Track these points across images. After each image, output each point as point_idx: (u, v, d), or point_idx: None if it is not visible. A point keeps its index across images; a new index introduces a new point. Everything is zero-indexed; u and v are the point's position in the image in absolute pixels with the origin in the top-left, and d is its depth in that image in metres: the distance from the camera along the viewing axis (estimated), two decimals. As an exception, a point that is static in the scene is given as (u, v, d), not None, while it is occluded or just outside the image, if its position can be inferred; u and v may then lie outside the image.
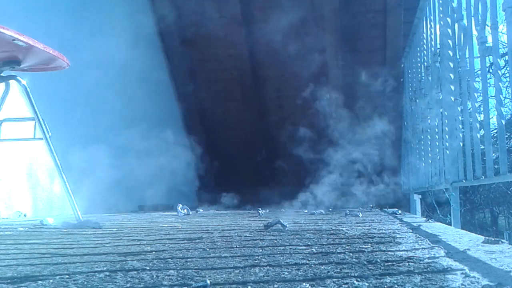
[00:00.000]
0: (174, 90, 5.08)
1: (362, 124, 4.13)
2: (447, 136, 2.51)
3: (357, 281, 0.73)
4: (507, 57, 1.63)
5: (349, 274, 0.79)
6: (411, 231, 1.50)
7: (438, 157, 2.76)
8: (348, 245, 1.16)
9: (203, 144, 5.40)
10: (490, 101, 1.94)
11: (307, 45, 4.77)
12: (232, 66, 4.94)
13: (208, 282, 0.73)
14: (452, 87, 2.40)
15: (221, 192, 4.35)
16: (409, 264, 0.87)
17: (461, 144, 2.28)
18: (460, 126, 2.37)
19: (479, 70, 1.94)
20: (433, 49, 2.86)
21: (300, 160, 4.81)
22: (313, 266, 0.87)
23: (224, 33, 4.77)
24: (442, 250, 1.04)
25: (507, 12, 1.57)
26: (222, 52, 4.88)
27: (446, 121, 2.53)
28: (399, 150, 4.68)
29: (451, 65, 2.42)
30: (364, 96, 4.70)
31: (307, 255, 1.00)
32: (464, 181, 2.21)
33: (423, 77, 3.25)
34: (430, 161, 3.02)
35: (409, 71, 4.06)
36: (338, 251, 1.06)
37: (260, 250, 1.10)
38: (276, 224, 1.66)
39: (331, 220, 2.13)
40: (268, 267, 0.87)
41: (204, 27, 4.76)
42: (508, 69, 1.77)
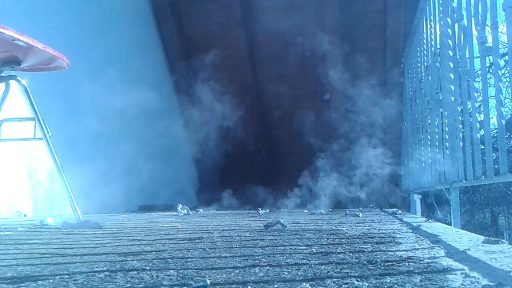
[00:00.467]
0: (175, 89, 5.08)
1: (362, 124, 4.14)
2: (447, 136, 2.51)
3: (357, 281, 0.73)
4: (507, 57, 1.63)
5: (349, 274, 0.79)
6: (411, 231, 1.50)
7: (438, 157, 2.76)
8: (348, 245, 1.16)
9: (203, 145, 5.40)
10: (490, 101, 1.94)
11: (307, 45, 4.76)
12: (232, 66, 4.94)
13: (208, 282, 0.73)
14: (452, 87, 2.40)
15: (221, 192, 4.35)
16: (409, 264, 0.87)
17: (461, 144, 2.28)
18: (460, 126, 2.37)
19: (479, 70, 1.94)
20: (433, 49, 2.86)
21: (300, 160, 4.81)
22: (313, 266, 0.87)
23: (224, 33, 4.77)
24: (442, 250, 1.04)
25: (507, 12, 1.57)
26: (222, 52, 4.88)
27: (446, 121, 2.53)
28: (399, 150, 4.68)
29: (451, 65, 2.41)
30: (364, 96, 4.69)
31: (307, 255, 1.00)
32: (464, 181, 2.21)
33: (423, 77, 3.25)
34: (430, 161, 3.02)
35: (409, 71, 4.06)
36: (338, 251, 1.06)
37: (260, 250, 1.10)
38: (276, 224, 1.66)
39: (331, 220, 2.13)
40: (268, 267, 0.87)
41: (204, 27, 4.77)
42: (508, 69, 1.77)
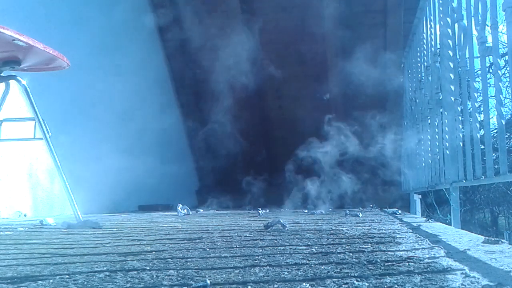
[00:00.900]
0: (174, 89, 5.08)
1: (363, 124, 4.13)
2: (447, 136, 2.51)
3: (357, 281, 0.73)
4: (507, 57, 1.63)
5: (349, 274, 0.79)
6: (411, 231, 1.50)
7: (438, 157, 2.76)
8: (348, 245, 1.16)
9: (203, 144, 5.40)
10: (490, 101, 1.94)
11: (307, 45, 4.77)
12: (232, 66, 4.93)
13: (208, 282, 0.73)
14: (452, 87, 2.40)
15: (221, 192, 4.35)
16: (409, 264, 0.87)
17: (461, 144, 2.28)
18: (460, 126, 2.37)
19: (479, 70, 1.94)
20: (433, 49, 2.85)
21: (300, 160, 4.81)
22: (313, 266, 0.87)
23: (224, 33, 4.77)
24: (442, 250, 1.04)
25: (507, 12, 1.57)
26: (222, 52, 4.88)
27: (446, 121, 2.53)
28: (399, 150, 4.68)
29: (451, 65, 2.41)
30: (364, 95, 4.70)
31: (307, 255, 1.00)
32: (464, 181, 2.21)
33: (423, 77, 3.24)
34: (430, 161, 3.02)
35: (409, 71, 4.06)
36: (338, 251, 1.06)
37: (260, 250, 1.10)
38: (276, 224, 1.66)
39: (331, 220, 2.13)
40: (268, 267, 0.87)
41: (204, 27, 4.76)
42: (508, 69, 1.77)
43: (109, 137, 3.66)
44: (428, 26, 3.05)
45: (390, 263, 0.89)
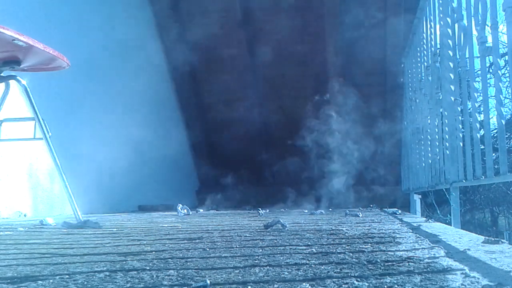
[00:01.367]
0: (174, 89, 5.08)
1: (362, 125, 4.14)
2: (447, 136, 2.51)
3: (357, 281, 0.73)
4: (507, 57, 1.63)
5: (349, 274, 0.79)
6: (411, 231, 1.50)
7: (438, 157, 2.76)
8: (348, 245, 1.16)
9: (204, 145, 5.41)
10: (490, 101, 1.94)
11: (307, 45, 4.77)
12: (232, 66, 4.94)
13: (208, 282, 0.73)
14: (452, 87, 2.40)
15: (221, 192, 4.35)
16: (409, 264, 0.87)
17: (461, 144, 2.28)
18: (460, 126, 2.37)
19: (479, 70, 1.94)
20: (433, 49, 2.85)
21: (300, 160, 4.81)
22: (313, 266, 0.87)
23: (224, 33, 4.77)
24: (442, 250, 1.04)
25: (507, 12, 1.57)
26: (222, 52, 4.88)
27: (446, 121, 2.53)
28: (399, 150, 4.68)
29: (451, 65, 2.41)
30: (365, 95, 4.69)
31: (307, 255, 1.00)
32: (464, 181, 2.21)
33: (423, 77, 3.24)
34: (430, 161, 3.02)
35: (409, 71, 4.06)
36: (338, 251, 1.06)
37: (260, 250, 1.10)
38: (276, 224, 1.66)
39: (331, 220, 2.13)
40: (268, 267, 0.87)
41: (204, 27, 4.77)
42: (508, 69, 1.77)
43: (109, 137, 3.66)
44: (428, 26, 3.05)
45: (390, 263, 0.89)
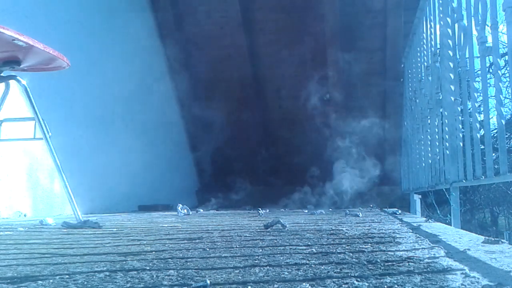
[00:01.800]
0: (174, 89, 5.08)
1: (362, 125, 4.14)
2: (447, 136, 2.51)
3: (357, 281, 0.73)
4: (507, 57, 1.63)
5: (349, 274, 0.79)
6: (411, 231, 1.50)
7: (438, 157, 2.76)
8: (348, 245, 1.16)
9: (203, 144, 5.40)
10: (490, 101, 1.94)
11: (307, 45, 4.77)
12: (232, 66, 4.94)
13: (208, 282, 0.73)
14: (452, 87, 2.40)
15: (221, 192, 4.35)
16: (409, 264, 0.87)
17: (461, 144, 2.28)
18: (460, 126, 2.37)
19: (479, 70, 1.94)
20: (433, 49, 2.85)
21: (300, 160, 4.81)
22: (313, 266, 0.87)
23: (224, 33, 4.77)
24: (442, 250, 1.04)
25: (507, 12, 1.57)
26: (222, 52, 4.88)
27: (446, 121, 2.53)
28: (399, 150, 4.69)
29: (451, 65, 2.41)
30: (365, 95, 4.70)
31: (307, 255, 1.00)
32: (464, 181, 2.21)
33: (423, 77, 3.24)
34: (430, 161, 3.02)
35: (409, 71, 4.06)
36: (338, 251, 1.06)
37: (260, 250, 1.10)
38: (276, 224, 1.66)
39: (331, 220, 2.13)
40: (268, 267, 0.87)
41: (204, 27, 4.77)
42: (508, 69, 1.77)
43: (109, 137, 3.66)
44: (428, 26, 3.05)
45: (390, 263, 0.89)
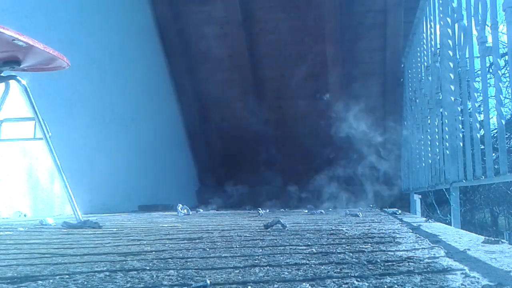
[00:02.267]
0: (174, 89, 5.09)
1: (362, 125, 4.13)
2: (447, 136, 2.51)
3: (357, 281, 0.73)
4: (507, 57, 1.63)
5: (349, 274, 0.79)
6: (411, 231, 1.50)
7: (438, 157, 2.76)
8: (348, 245, 1.16)
9: (203, 145, 5.40)
10: (490, 101, 1.94)
11: (307, 45, 4.77)
12: (232, 66, 4.94)
13: (208, 282, 0.73)
14: (452, 87, 2.40)
15: (221, 192, 4.35)
16: (409, 264, 0.87)
17: (461, 144, 2.28)
18: (460, 126, 2.37)
19: (479, 70, 1.94)
20: (433, 49, 2.86)
21: (300, 160, 4.81)
22: (313, 266, 0.87)
23: (224, 33, 4.77)
24: (442, 250, 1.04)
25: (507, 12, 1.57)
26: (222, 52, 4.88)
27: (446, 121, 2.53)
28: (399, 150, 4.68)
29: (451, 65, 2.41)
30: (365, 95, 4.69)
31: (307, 255, 1.00)
32: (464, 181, 2.21)
33: (423, 77, 3.24)
34: (430, 161, 3.02)
35: (409, 71, 4.06)
36: (338, 251, 1.06)
37: (260, 250, 1.10)
38: (276, 224, 1.66)
39: (331, 220, 2.13)
40: (268, 267, 0.87)
41: (204, 27, 4.77)
42: (508, 69, 1.77)
43: (110, 137, 3.66)
44: (428, 26, 3.05)
45: (390, 263, 0.89)
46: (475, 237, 1.31)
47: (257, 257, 0.99)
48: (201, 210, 3.42)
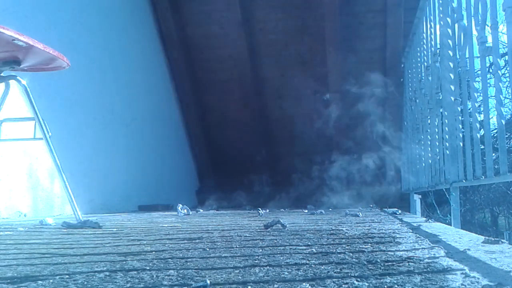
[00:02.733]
0: (174, 90, 5.08)
1: (362, 125, 4.13)
2: (447, 136, 2.51)
3: (357, 281, 0.73)
4: (507, 57, 1.63)
5: (349, 274, 0.79)
6: (411, 231, 1.50)
7: (438, 157, 2.76)
8: (348, 245, 1.16)
9: (203, 145, 5.40)
10: (490, 101, 1.94)
11: (307, 45, 4.77)
12: (232, 66, 4.94)
13: (208, 282, 0.73)
14: (452, 87, 2.40)
15: (221, 192, 4.35)
16: (409, 264, 0.87)
17: (461, 144, 2.28)
18: (460, 126, 2.37)
19: (479, 70, 1.94)
20: (433, 49, 2.86)
21: (300, 160, 4.81)
22: (313, 266, 0.87)
23: (224, 33, 4.77)
24: (442, 250, 1.04)
25: (507, 12, 1.57)
26: (222, 52, 4.88)
27: (446, 121, 2.53)
28: (399, 150, 4.68)
29: (451, 65, 2.41)
30: (365, 95, 4.69)
31: (307, 255, 1.00)
32: (464, 181, 2.21)
33: (423, 77, 3.25)
34: (430, 161, 3.02)
35: (409, 71, 4.06)
36: (338, 251, 1.06)
37: (260, 250, 1.10)
38: (276, 224, 1.66)
39: (331, 220, 2.13)
40: (268, 267, 0.87)
41: (204, 27, 4.77)
42: (508, 69, 1.77)
43: (109, 137, 3.66)
44: (428, 26, 3.05)
45: (390, 263, 0.89)
46: (475, 237, 1.31)
47: (257, 257, 0.99)
48: (201, 210, 3.42)
